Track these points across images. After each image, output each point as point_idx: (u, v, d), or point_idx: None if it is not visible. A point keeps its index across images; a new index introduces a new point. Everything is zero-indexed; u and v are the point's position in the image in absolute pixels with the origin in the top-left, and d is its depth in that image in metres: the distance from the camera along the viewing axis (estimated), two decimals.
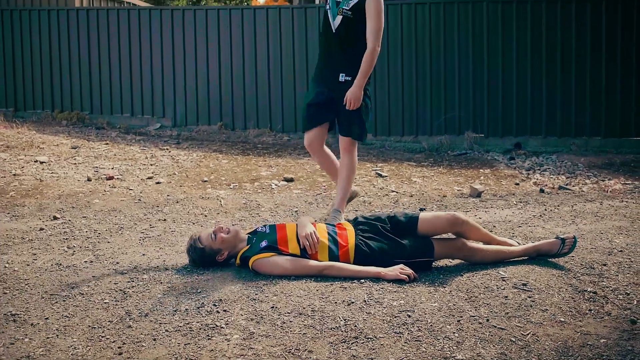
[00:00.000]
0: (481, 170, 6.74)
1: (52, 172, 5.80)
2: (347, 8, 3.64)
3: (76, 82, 9.83)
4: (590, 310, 2.47)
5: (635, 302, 2.55)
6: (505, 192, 5.52)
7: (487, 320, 2.33)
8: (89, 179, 5.51)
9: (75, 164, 6.30)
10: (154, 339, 2.13)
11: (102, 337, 2.15)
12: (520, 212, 4.55)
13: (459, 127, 8.39)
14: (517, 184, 5.96)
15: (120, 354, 2.02)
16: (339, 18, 3.67)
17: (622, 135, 8.18)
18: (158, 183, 5.47)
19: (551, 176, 6.44)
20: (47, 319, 2.31)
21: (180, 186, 5.43)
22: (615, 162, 7.28)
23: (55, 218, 4.08)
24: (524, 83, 8.33)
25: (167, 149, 7.36)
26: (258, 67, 9.03)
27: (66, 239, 3.56)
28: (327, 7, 3.76)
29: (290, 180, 5.79)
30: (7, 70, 10.13)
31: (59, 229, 3.78)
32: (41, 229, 3.78)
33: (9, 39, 10.09)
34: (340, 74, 3.70)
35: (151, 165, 6.40)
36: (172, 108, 9.45)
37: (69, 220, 4.02)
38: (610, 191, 5.66)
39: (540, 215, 4.39)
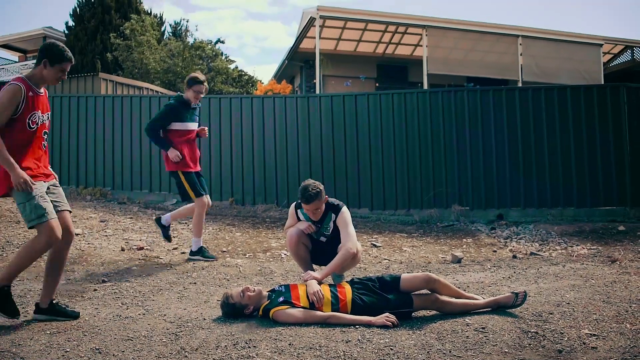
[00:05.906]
0: (464, 239, 7.53)
1: (89, 243, 6.64)
2: (328, 233, 4.53)
3: (100, 161, 10.78)
4: (529, 344, 3.26)
5: (565, 339, 3.35)
6: (482, 258, 6.31)
7: (450, 351, 3.13)
8: (122, 249, 6.35)
9: (106, 235, 7.15)
10: None
11: None
12: (492, 274, 5.35)
13: (447, 201, 9.22)
14: (495, 251, 6.75)
15: None
16: (323, 238, 4.59)
17: (593, 205, 9.02)
18: (183, 253, 6.30)
19: (526, 244, 7.22)
20: (123, 351, 3.11)
21: None
22: (585, 230, 8.02)
23: (104, 281, 4.91)
24: (502, 160, 9.22)
25: (186, 223, 8.19)
26: (266, 148, 9.92)
27: (118, 297, 4.38)
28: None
29: None
30: None
31: (110, 290, 4.61)
32: (95, 290, 4.60)
33: None
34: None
35: (174, 237, 7.23)
36: None
37: (116, 283, 4.85)
38: (575, 256, 6.38)
39: (509, 277, 5.20)
